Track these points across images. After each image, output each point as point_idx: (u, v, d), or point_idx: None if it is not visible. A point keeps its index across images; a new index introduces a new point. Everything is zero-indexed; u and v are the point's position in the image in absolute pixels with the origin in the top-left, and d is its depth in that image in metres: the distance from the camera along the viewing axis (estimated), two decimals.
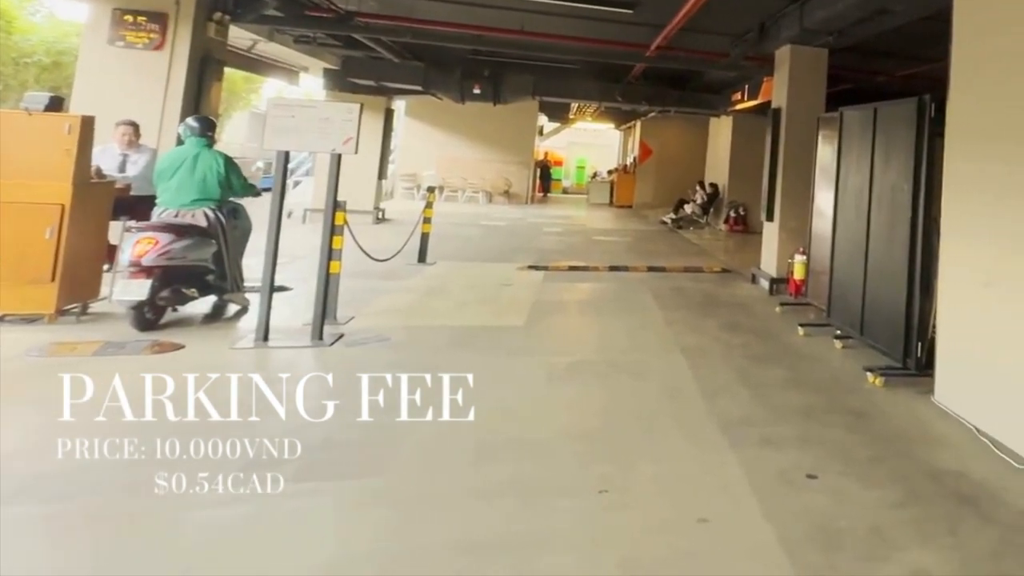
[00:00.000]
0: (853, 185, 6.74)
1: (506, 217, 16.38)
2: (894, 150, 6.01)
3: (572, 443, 4.02)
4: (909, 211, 5.66)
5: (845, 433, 4.40)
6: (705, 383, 5.18)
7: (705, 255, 12.36)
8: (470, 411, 3.72)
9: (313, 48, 12.13)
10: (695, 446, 4.09)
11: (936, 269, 5.27)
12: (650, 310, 7.50)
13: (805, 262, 8.33)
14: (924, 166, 5.57)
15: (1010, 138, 4.47)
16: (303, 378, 4.30)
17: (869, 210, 6.33)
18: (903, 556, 3.02)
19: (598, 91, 15.51)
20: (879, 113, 6.38)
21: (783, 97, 9.31)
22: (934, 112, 5.54)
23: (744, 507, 3.40)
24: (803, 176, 8.70)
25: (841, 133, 7.09)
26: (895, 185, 5.94)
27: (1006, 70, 4.56)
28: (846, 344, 6.43)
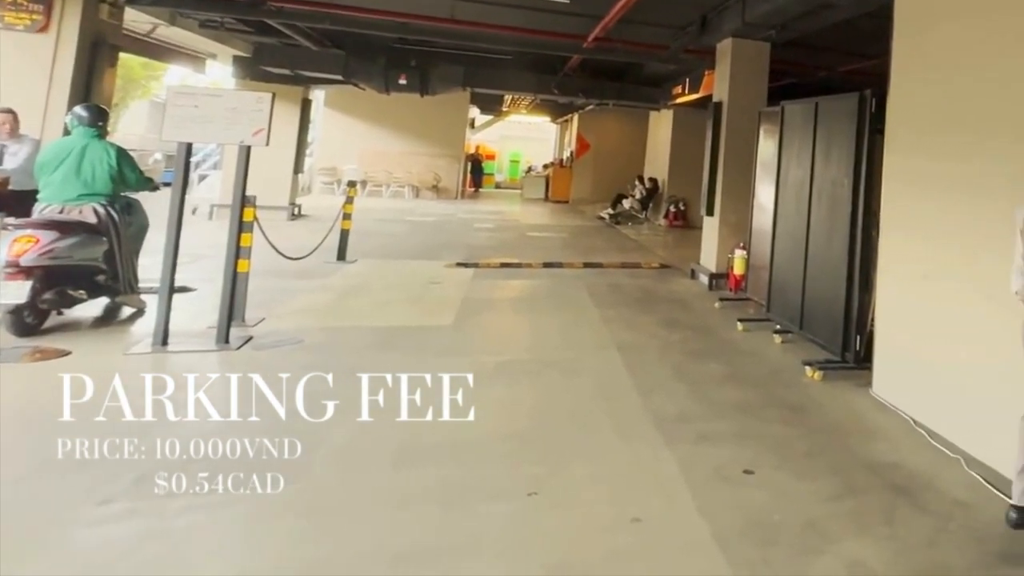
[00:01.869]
0: (794, 180, 7.02)
1: (434, 212, 16.29)
2: (835, 145, 6.30)
3: (501, 444, 4.01)
4: (849, 205, 5.94)
5: (782, 427, 4.55)
6: (641, 380, 5.27)
7: (643, 251, 12.63)
8: (398, 413, 3.66)
9: (221, 34, 11.70)
10: (630, 444, 4.14)
11: (876, 263, 5.55)
12: (585, 307, 7.58)
13: (745, 257, 8.61)
14: (864, 161, 5.85)
15: (947, 133, 4.74)
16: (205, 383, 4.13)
17: (810, 205, 6.61)
18: (838, 548, 3.13)
19: (533, 83, 15.64)
20: (820, 108, 6.65)
21: (724, 91, 9.58)
22: (875, 108, 5.81)
23: (679, 504, 3.45)
24: (744, 171, 9.01)
25: (782, 127, 7.37)
26: (835, 180, 6.22)
27: (944, 66, 4.83)
28: (785, 339, 6.68)
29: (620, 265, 10.55)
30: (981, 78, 4.40)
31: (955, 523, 3.41)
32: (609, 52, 11.72)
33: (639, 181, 18.65)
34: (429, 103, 17.15)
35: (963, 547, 3.19)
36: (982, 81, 4.39)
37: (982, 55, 4.43)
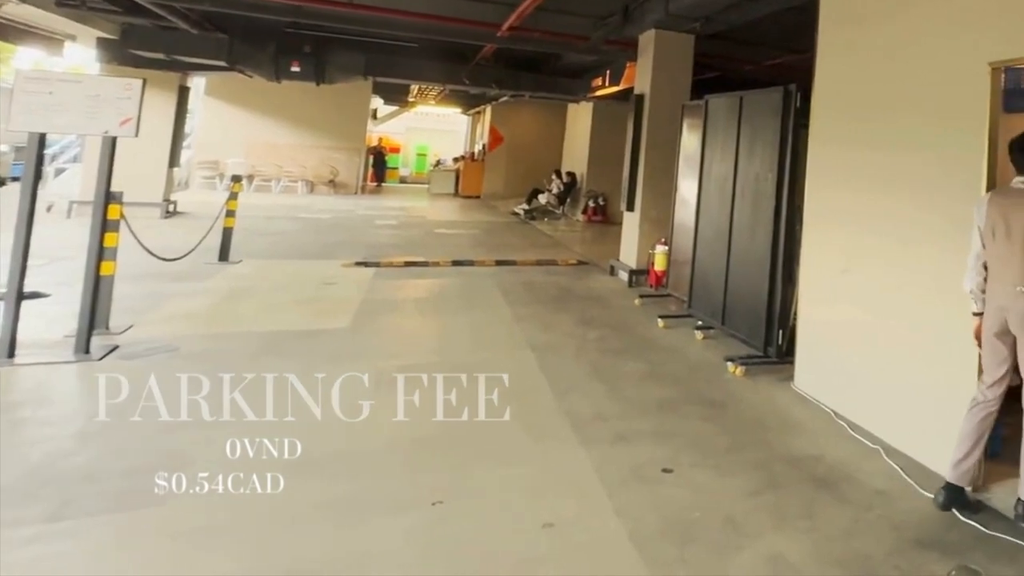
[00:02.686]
0: (717, 174, 7.33)
1: (331, 209, 15.96)
2: (759, 139, 6.61)
3: (403, 453, 3.97)
4: (773, 200, 6.25)
5: (703, 424, 4.71)
6: (556, 380, 5.32)
7: (560, 247, 12.81)
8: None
9: (82, 13, 10.99)
10: (543, 447, 4.17)
11: (799, 257, 5.85)
12: (498, 306, 7.60)
13: (667, 253, 8.89)
14: (789, 155, 6.17)
15: (872, 127, 5.05)
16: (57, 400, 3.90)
17: (733, 199, 6.91)
18: (758, 543, 3.26)
19: (442, 73, 15.58)
20: (745, 102, 6.97)
21: (647, 83, 9.88)
22: (800, 102, 6.15)
23: (595, 506, 3.50)
24: (666, 165, 9.30)
25: (706, 121, 7.68)
26: (760, 174, 6.53)
27: (869, 60, 5.15)
28: (707, 335, 6.93)
29: (535, 262, 10.65)
30: (906, 72, 4.72)
31: (874, 512, 3.62)
32: (525, 42, 11.80)
33: (556, 175, 18.90)
34: (326, 92, 16.80)
35: (881, 535, 3.39)
36: (907, 75, 4.71)
37: (907, 49, 4.75)
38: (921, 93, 4.52)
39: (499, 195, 22.05)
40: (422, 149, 32.35)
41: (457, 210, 18.76)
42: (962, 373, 3.97)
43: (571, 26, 10.78)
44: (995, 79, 3.97)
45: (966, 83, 4.10)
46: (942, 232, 4.20)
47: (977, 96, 4.01)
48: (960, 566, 3.10)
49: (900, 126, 4.70)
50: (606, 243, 12.74)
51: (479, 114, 26.79)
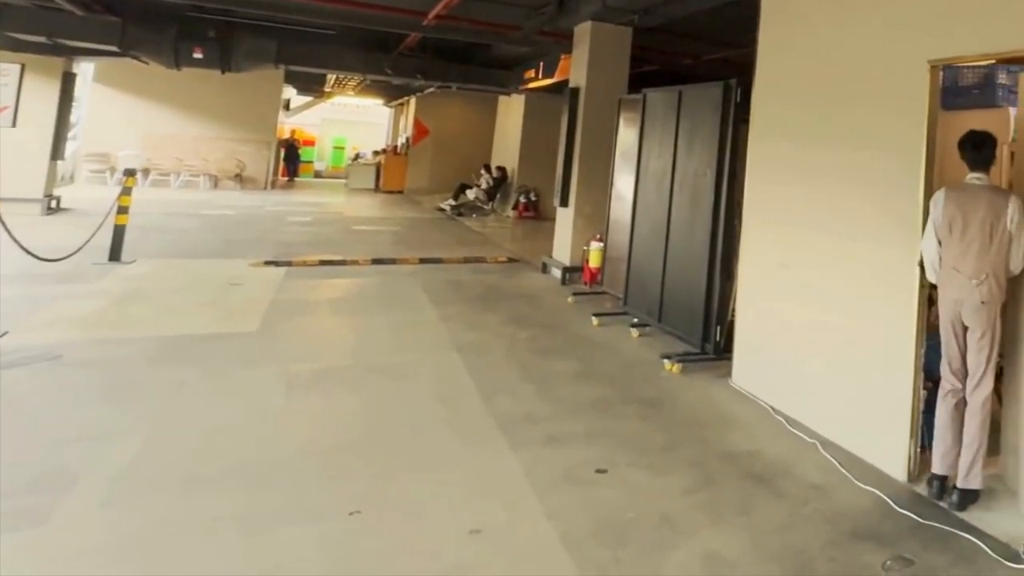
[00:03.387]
0: (655, 169, 7.54)
1: (238, 205, 15.57)
2: (699, 134, 6.83)
3: (317, 461, 3.93)
4: (712, 196, 6.46)
5: (638, 423, 4.81)
6: (484, 382, 5.35)
7: (489, 244, 12.85)
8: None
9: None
10: (470, 451, 4.19)
11: (738, 253, 6.08)
12: (421, 306, 7.57)
13: (602, 249, 9.06)
14: (729, 151, 6.40)
15: (811, 124, 5.30)
16: None
17: (671, 195, 7.13)
18: (693, 541, 3.36)
19: (362, 62, 15.41)
20: (684, 96, 7.19)
21: (582, 76, 10.07)
22: (740, 97, 6.38)
23: (524, 510, 3.54)
24: (602, 160, 9.48)
25: (644, 116, 7.88)
26: (699, 170, 6.75)
27: (810, 56, 5.39)
28: (643, 332, 7.09)
29: (462, 260, 10.66)
30: (848, 69, 4.97)
31: (810, 506, 3.78)
32: (453, 31, 11.80)
33: (486, 170, 18.98)
34: (233, 81, 16.40)
35: (817, 529, 3.54)
36: (849, 72, 4.95)
37: (849, 45, 5.00)
38: (863, 90, 4.78)
39: (424, 190, 21.99)
40: (339, 142, 31.96)
41: (378, 206, 18.60)
42: (900, 365, 4.21)
43: (503, 16, 10.84)
44: (934, 77, 4.26)
45: (907, 80, 4.37)
46: (882, 226, 4.46)
47: (917, 93, 4.29)
48: (894, 555, 3.29)
49: (841, 122, 4.96)
50: (538, 240, 12.85)
51: (402, 106, 26.69)
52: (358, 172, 24.85)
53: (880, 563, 3.24)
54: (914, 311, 4.16)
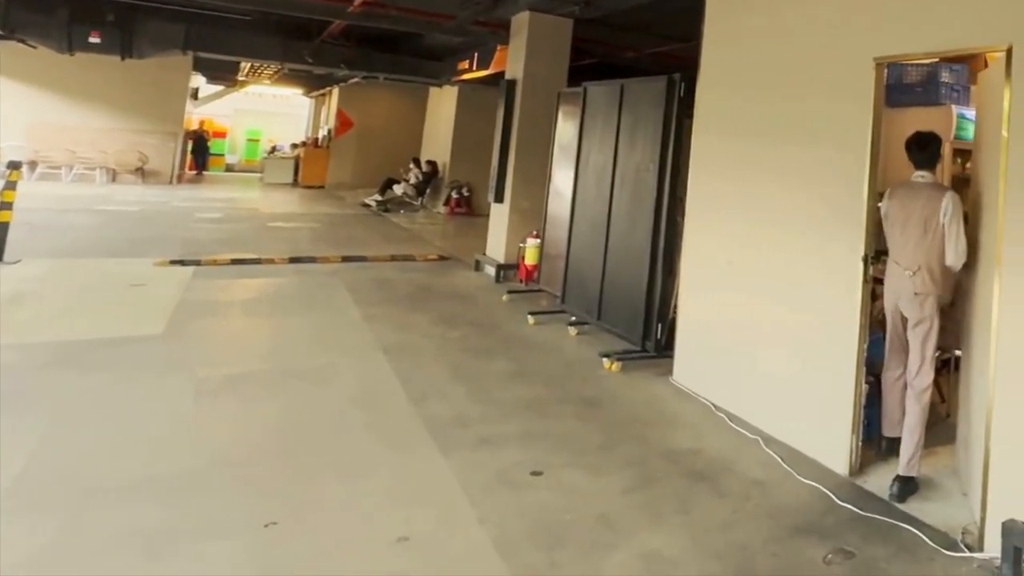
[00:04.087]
0: (596, 164, 7.72)
1: (140, 200, 15.16)
2: (641, 129, 7.02)
3: (228, 471, 3.87)
4: (655, 191, 6.65)
5: (576, 423, 4.89)
6: (412, 384, 5.36)
7: (418, 241, 12.84)
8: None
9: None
10: (397, 456, 4.19)
11: (680, 249, 6.26)
12: (344, 307, 7.52)
13: (538, 246, 9.16)
14: (672, 146, 6.59)
15: (757, 119, 5.49)
16: None
17: (612, 190, 7.31)
18: (632, 541, 3.44)
19: (280, 50, 15.22)
20: (626, 90, 7.38)
21: (519, 68, 10.22)
22: (684, 92, 6.58)
23: (456, 516, 3.57)
24: (539, 154, 9.61)
25: (584, 109, 8.07)
26: (641, 165, 6.94)
27: (756, 51, 5.60)
28: (581, 331, 7.20)
29: (389, 258, 10.63)
30: (795, 64, 5.18)
31: (752, 503, 3.91)
32: (381, 19, 11.74)
33: (415, 164, 18.96)
34: (135, 68, 16.12)
35: (759, 525, 3.67)
36: (795, 67, 5.17)
37: (795, 40, 5.22)
38: (810, 85, 5.01)
39: (347, 185, 21.82)
40: (254, 134, 31.45)
41: (296, 201, 18.37)
42: (843, 360, 4.42)
43: (435, 4, 10.86)
44: (879, 74, 4.51)
45: (853, 77, 4.61)
46: (827, 221, 4.68)
47: (863, 90, 4.52)
48: (836, 549, 3.44)
49: (788, 117, 5.18)
50: (471, 237, 12.92)
51: (325, 96, 26.48)
52: (275, 166, 24.50)
53: (822, 557, 3.38)
54: (858, 305, 4.37)
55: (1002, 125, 3.64)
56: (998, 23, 3.78)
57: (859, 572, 3.31)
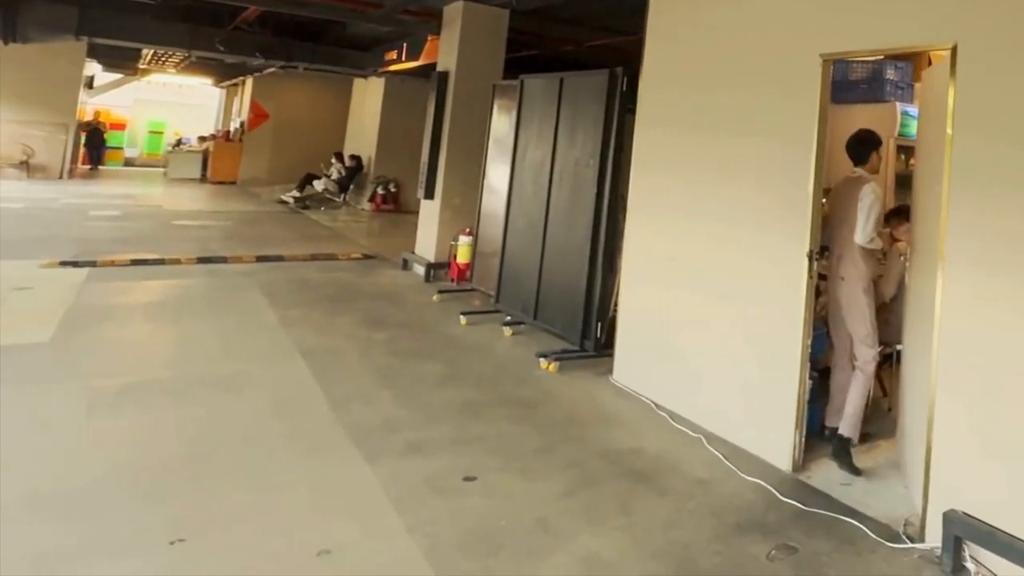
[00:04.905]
0: (533, 160, 7.90)
1: (24, 197, 14.71)
2: (581, 123, 7.21)
3: (128, 486, 3.83)
4: (595, 187, 6.83)
5: (511, 426, 4.97)
6: (334, 390, 5.37)
7: (341, 239, 12.81)
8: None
9: None
10: (316, 465, 4.20)
11: (621, 246, 6.44)
12: (258, 309, 7.47)
13: (471, 244, 9.28)
14: (613, 141, 6.77)
15: (701, 113, 5.67)
16: None
17: (550, 186, 7.50)
18: (571, 545, 3.53)
19: (188, 37, 14.97)
20: (566, 84, 7.57)
21: (452, 60, 10.38)
22: (626, 86, 6.78)
23: (382, 526, 3.60)
24: (473, 149, 9.76)
25: (521, 103, 8.26)
26: (580, 160, 7.13)
27: (701, 45, 5.78)
28: (517, 331, 7.31)
29: (309, 257, 10.58)
30: (741, 59, 5.38)
31: (694, 502, 4.05)
32: (299, 6, 11.70)
33: (337, 159, 18.92)
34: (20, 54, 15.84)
35: (701, 523, 3.81)
36: (741, 61, 5.37)
37: (742, 35, 5.42)
38: (756, 80, 5.23)
39: (262, 181, 21.60)
40: (157, 126, 30.89)
41: (205, 198, 18.10)
42: (787, 356, 4.63)
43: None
44: (826, 70, 4.75)
45: (800, 73, 4.84)
46: (772, 217, 4.90)
47: (809, 86, 4.76)
48: (779, 544, 3.61)
49: (733, 112, 5.39)
50: (398, 235, 12.95)
51: (237, 87, 26.16)
52: (180, 160, 24.12)
53: (765, 553, 3.53)
54: (802, 301, 4.58)
55: (947, 123, 3.86)
56: (943, 22, 4.04)
57: (802, 567, 3.46)
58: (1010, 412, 3.46)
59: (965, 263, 3.71)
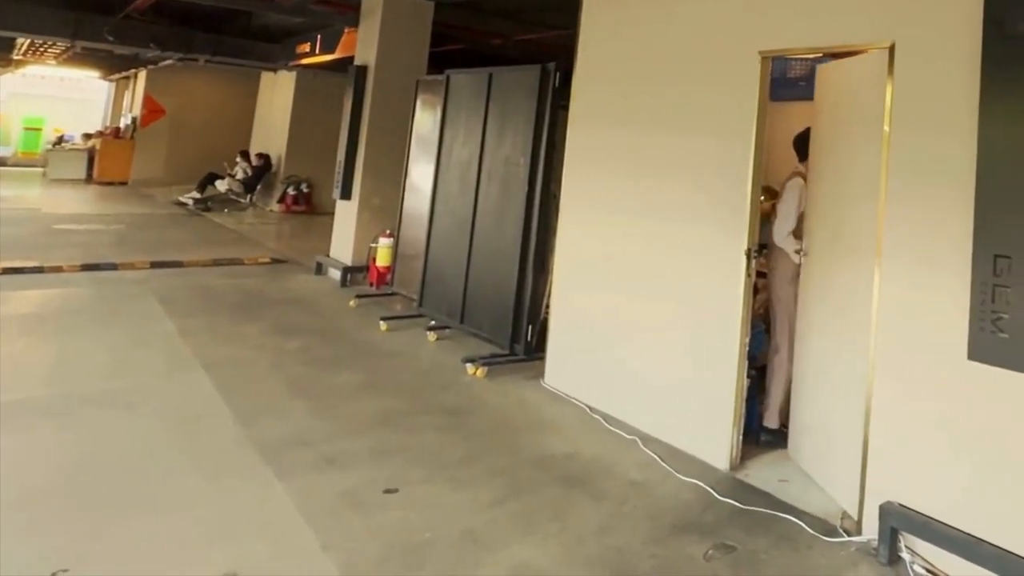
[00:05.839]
0: (460, 158, 8.08)
1: None
2: (511, 120, 7.40)
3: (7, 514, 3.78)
4: (526, 186, 7.03)
5: (436, 435, 5.08)
6: (242, 403, 5.39)
7: (248, 243, 12.75)
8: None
9: None
10: (221, 484, 4.23)
11: (553, 246, 6.63)
12: (154, 319, 7.42)
13: (392, 246, 9.38)
14: (545, 138, 6.99)
15: (637, 111, 5.89)
16: None
17: (478, 185, 7.68)
18: (500, 555, 3.65)
19: (71, 26, 14.63)
20: (495, 79, 7.76)
21: (371, 53, 10.54)
22: (559, 82, 7.00)
23: (294, 545, 3.66)
24: (394, 147, 9.88)
25: (447, 99, 8.43)
26: (511, 158, 7.31)
27: (637, 40, 6.00)
28: (442, 336, 7.45)
29: (211, 263, 10.52)
30: (678, 55, 5.62)
31: (629, 505, 4.23)
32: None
33: (243, 157, 18.83)
34: None
35: (637, 527, 3.98)
36: (679, 58, 5.61)
37: (679, 30, 5.66)
38: (694, 76, 5.47)
39: (158, 181, 21.31)
40: (34, 122, 30.21)
41: (91, 200, 17.78)
42: (725, 354, 4.88)
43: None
44: (765, 68, 5.02)
45: (739, 69, 5.09)
46: (710, 214, 5.15)
47: (748, 82, 5.02)
48: (716, 544, 3.80)
49: (670, 109, 5.63)
50: (311, 237, 13.03)
51: (128, 80, 25.75)
52: (62, 159, 23.63)
53: (702, 554, 3.71)
54: (740, 299, 4.82)
55: (884, 120, 4.14)
56: (881, 21, 4.30)
57: (740, 565, 3.65)
58: (945, 405, 3.72)
59: (902, 258, 3.98)
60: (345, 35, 12.72)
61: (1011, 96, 3.48)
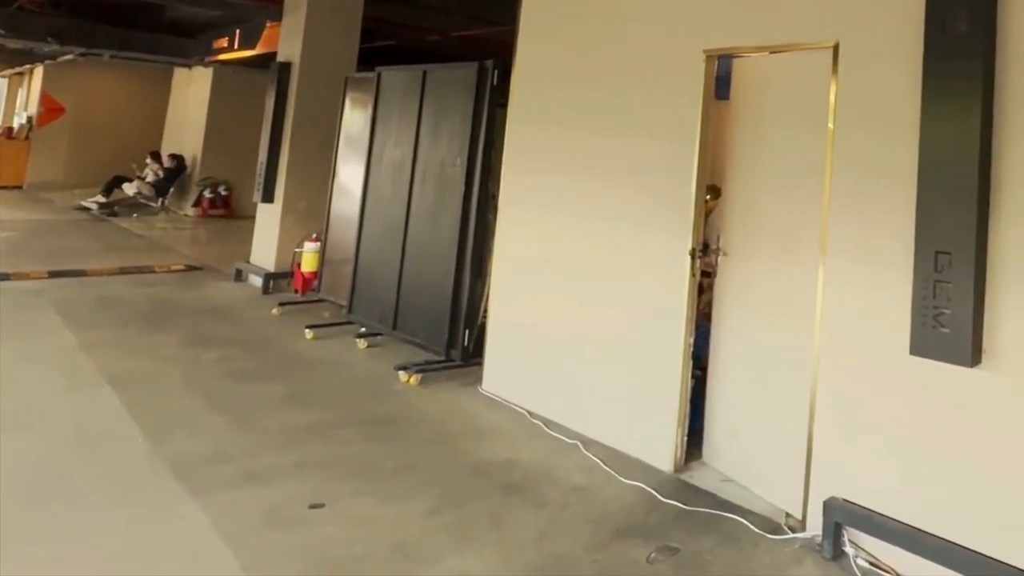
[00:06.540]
0: (392, 159, 8.19)
1: None
2: (447, 120, 7.53)
3: None
4: (463, 187, 7.15)
5: (366, 446, 5.14)
6: (152, 420, 5.36)
7: (159, 250, 12.65)
8: None
9: None
10: (127, 508, 4.20)
11: (491, 249, 6.78)
12: (52, 332, 7.34)
13: (318, 251, 9.41)
14: (483, 138, 7.11)
15: (579, 110, 6.06)
16: None
17: (411, 187, 7.80)
18: (434, 568, 3.73)
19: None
20: (430, 77, 7.88)
21: (296, 49, 10.65)
22: (497, 80, 7.13)
23: (211, 568, 3.69)
24: (321, 147, 9.96)
25: (378, 98, 8.54)
26: (447, 159, 7.44)
27: (579, 38, 6.16)
28: (373, 343, 7.52)
29: (118, 271, 10.42)
30: (622, 53, 5.78)
31: (570, 510, 4.35)
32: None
33: (154, 159, 18.68)
34: None
35: (578, 532, 4.10)
36: (623, 56, 5.77)
37: (623, 28, 5.81)
38: (637, 75, 5.64)
39: (58, 185, 20.99)
40: None
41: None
42: (669, 354, 5.06)
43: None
44: (710, 66, 5.22)
45: (683, 68, 5.30)
46: (653, 214, 5.33)
47: (693, 81, 5.21)
48: (660, 546, 3.94)
49: (613, 108, 5.79)
50: (230, 242, 12.99)
51: (21, 75, 25.38)
52: None
53: (645, 557, 3.85)
54: (684, 299, 5.00)
55: (828, 118, 4.36)
56: (826, 20, 4.50)
57: (684, 566, 3.80)
58: (887, 400, 3.94)
59: (846, 256, 4.19)
60: (267, 29, 12.74)
61: (952, 94, 3.71)
